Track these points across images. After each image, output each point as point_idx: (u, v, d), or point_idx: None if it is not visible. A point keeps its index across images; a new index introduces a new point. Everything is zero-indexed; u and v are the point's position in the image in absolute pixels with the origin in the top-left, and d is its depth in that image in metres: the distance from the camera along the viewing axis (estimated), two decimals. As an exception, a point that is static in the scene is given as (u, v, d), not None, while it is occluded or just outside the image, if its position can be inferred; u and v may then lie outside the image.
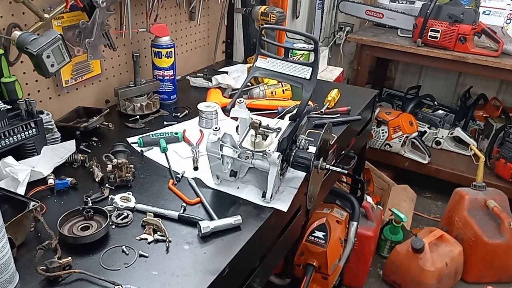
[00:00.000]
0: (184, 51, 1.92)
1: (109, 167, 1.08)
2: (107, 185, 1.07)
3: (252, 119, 1.04)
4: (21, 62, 1.22)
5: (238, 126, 1.09)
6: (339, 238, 1.74)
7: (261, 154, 1.02)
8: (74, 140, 1.18)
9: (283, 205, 1.05)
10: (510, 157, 2.47)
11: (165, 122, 1.46)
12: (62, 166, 1.13)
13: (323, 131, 1.06)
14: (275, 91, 1.63)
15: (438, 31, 2.33)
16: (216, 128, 1.02)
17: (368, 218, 2.06)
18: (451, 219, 2.32)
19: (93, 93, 1.52)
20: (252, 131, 1.02)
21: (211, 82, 1.78)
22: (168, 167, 1.19)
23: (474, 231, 2.17)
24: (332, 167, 1.12)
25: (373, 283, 2.26)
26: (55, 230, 0.87)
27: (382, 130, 2.70)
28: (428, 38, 2.37)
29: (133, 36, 1.56)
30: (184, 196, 1.05)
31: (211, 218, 0.98)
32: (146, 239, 0.91)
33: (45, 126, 1.15)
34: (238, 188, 1.09)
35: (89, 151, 1.25)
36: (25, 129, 1.09)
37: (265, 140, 1.03)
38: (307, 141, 1.10)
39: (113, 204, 1.00)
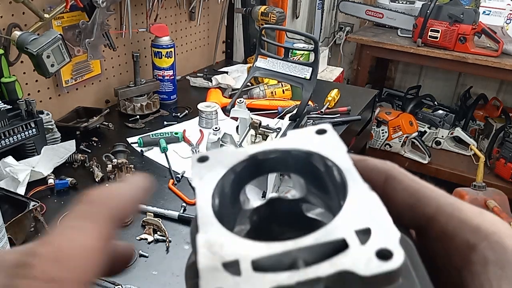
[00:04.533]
0: (184, 51, 1.92)
1: (109, 167, 1.08)
2: (107, 185, 1.07)
3: (252, 119, 1.04)
4: (21, 62, 1.22)
5: (238, 126, 1.09)
6: (339, 238, 1.73)
7: (261, 154, 1.02)
8: (74, 140, 1.18)
9: (283, 205, 1.05)
10: (510, 157, 2.47)
11: (165, 122, 1.46)
12: (62, 166, 1.13)
13: (323, 131, 1.06)
14: (275, 91, 1.63)
15: (438, 31, 2.33)
16: (216, 128, 1.02)
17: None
18: (451, 219, 2.32)
19: (93, 93, 1.52)
20: (252, 131, 1.02)
21: (211, 82, 1.78)
22: (168, 167, 1.19)
23: (474, 231, 2.17)
24: (332, 167, 1.12)
25: (373, 283, 2.25)
26: (55, 230, 0.87)
27: (382, 130, 2.70)
28: (428, 38, 2.37)
29: (133, 36, 1.56)
30: (184, 196, 1.05)
31: (211, 218, 0.98)
32: (146, 239, 0.91)
33: (45, 126, 1.15)
34: (238, 188, 1.09)
35: (89, 151, 1.25)
36: (25, 129, 1.09)
37: (265, 140, 1.03)
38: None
39: (113, 204, 1.00)
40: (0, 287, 0.18)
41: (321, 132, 0.23)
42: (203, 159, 0.23)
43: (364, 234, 0.17)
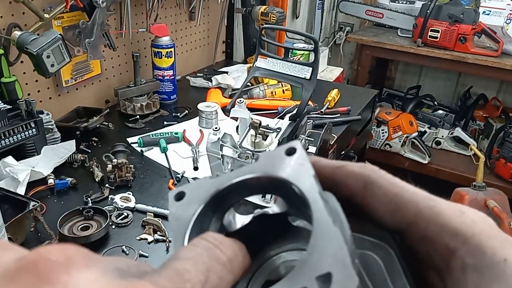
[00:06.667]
0: (184, 51, 1.92)
1: (109, 167, 1.08)
2: (107, 185, 1.07)
3: (252, 119, 1.04)
4: (21, 62, 1.22)
5: (238, 126, 1.09)
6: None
7: (261, 154, 1.02)
8: (74, 140, 1.18)
9: (283, 205, 1.05)
10: (510, 157, 2.47)
11: (165, 122, 1.46)
12: (62, 166, 1.13)
13: (323, 131, 1.06)
14: (275, 91, 1.63)
15: (438, 31, 2.33)
16: (216, 128, 1.02)
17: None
18: (451, 219, 2.31)
19: (93, 93, 1.52)
20: (252, 131, 1.02)
21: (211, 82, 1.78)
22: (168, 167, 1.19)
23: (474, 231, 2.16)
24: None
25: (373, 283, 2.25)
26: (55, 230, 0.87)
27: (382, 130, 2.70)
28: (428, 38, 2.37)
29: (133, 36, 1.56)
30: (184, 196, 1.05)
31: (211, 218, 0.98)
32: (146, 239, 0.91)
33: (45, 126, 1.15)
34: (238, 188, 1.09)
35: (89, 151, 1.25)
36: (25, 129, 1.09)
37: (265, 140, 1.03)
38: (307, 141, 1.10)
39: (113, 204, 1.00)
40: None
41: (290, 152, 0.23)
42: (179, 197, 0.24)
43: (324, 281, 0.18)
